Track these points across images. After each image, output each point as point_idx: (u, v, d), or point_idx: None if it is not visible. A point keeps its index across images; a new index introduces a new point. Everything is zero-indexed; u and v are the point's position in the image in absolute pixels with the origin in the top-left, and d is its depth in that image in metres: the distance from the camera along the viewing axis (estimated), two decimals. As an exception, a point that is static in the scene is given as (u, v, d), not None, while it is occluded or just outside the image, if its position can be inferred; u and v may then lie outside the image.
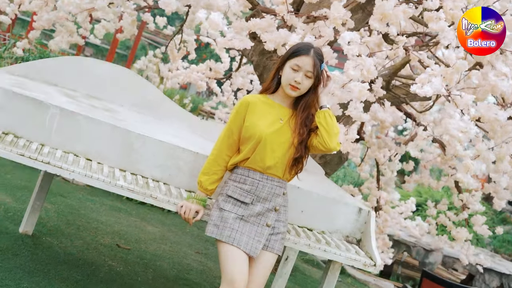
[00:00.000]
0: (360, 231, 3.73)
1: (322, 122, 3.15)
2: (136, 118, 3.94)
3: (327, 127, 3.14)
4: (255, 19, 4.12)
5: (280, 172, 3.18)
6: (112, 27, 5.93)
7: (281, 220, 3.21)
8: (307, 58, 3.12)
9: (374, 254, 3.52)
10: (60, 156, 3.15)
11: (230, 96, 8.24)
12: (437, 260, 9.37)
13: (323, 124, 3.15)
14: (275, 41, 4.07)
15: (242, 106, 3.19)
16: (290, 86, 3.13)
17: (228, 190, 3.17)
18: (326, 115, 3.16)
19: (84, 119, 3.28)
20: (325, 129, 3.14)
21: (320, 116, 3.17)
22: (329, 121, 3.15)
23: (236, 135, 3.19)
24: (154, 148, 3.38)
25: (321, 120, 3.16)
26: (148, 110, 4.25)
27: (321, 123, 3.15)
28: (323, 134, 3.14)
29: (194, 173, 3.42)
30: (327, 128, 3.14)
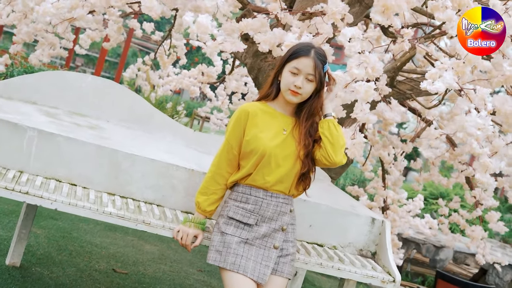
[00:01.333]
0: (374, 243, 3.43)
1: (326, 133, 2.85)
2: (124, 134, 3.63)
3: (331, 139, 2.84)
4: (246, 19, 3.81)
5: (286, 188, 2.87)
6: (98, 35, 5.62)
7: (290, 240, 2.91)
8: (307, 59, 2.82)
9: (392, 269, 3.22)
10: (41, 184, 2.84)
11: (225, 101, 7.93)
12: (448, 257, 9.09)
13: (327, 135, 2.85)
14: (269, 41, 3.76)
15: (241, 117, 2.88)
16: (290, 92, 2.83)
17: (229, 211, 2.86)
18: (330, 125, 2.86)
19: (65, 140, 2.97)
20: (330, 141, 2.84)
21: (324, 127, 2.86)
22: (334, 132, 2.85)
23: (236, 150, 2.88)
24: (145, 168, 3.07)
25: (324, 131, 2.86)
26: (137, 125, 3.94)
27: (324, 134, 2.85)
28: (327, 147, 2.84)
29: (190, 192, 3.13)
30: (332, 140, 2.84)
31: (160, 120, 4.03)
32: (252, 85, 7.62)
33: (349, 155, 3.63)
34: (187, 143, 3.96)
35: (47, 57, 5.22)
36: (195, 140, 3.99)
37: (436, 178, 5.92)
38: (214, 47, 3.63)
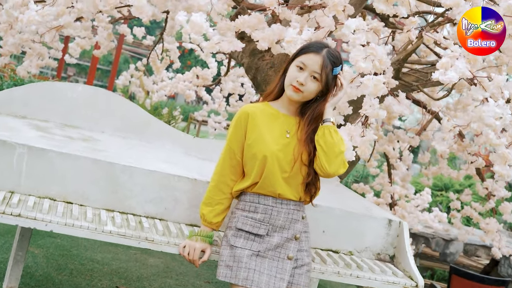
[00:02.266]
0: (392, 246, 3.23)
1: (320, 142, 2.63)
2: (120, 145, 3.43)
3: (325, 147, 2.62)
4: (243, 17, 3.61)
5: (295, 194, 2.67)
6: (88, 43, 5.43)
7: (304, 249, 2.71)
8: (316, 56, 2.61)
9: (414, 272, 3.02)
10: (34, 204, 2.64)
11: (222, 103, 7.72)
12: (458, 249, 8.91)
13: (321, 143, 2.63)
14: (268, 38, 3.57)
15: (241, 120, 2.67)
16: (292, 87, 2.62)
17: (237, 222, 2.66)
18: (325, 131, 2.64)
19: (57, 156, 2.76)
20: (323, 149, 2.62)
21: (319, 133, 2.65)
22: (329, 140, 2.62)
23: (238, 155, 2.68)
24: (144, 180, 2.87)
25: (319, 139, 2.64)
26: (134, 134, 3.73)
27: (318, 142, 2.64)
28: (320, 156, 2.63)
29: (194, 203, 2.93)
30: (326, 149, 2.62)
31: (157, 128, 3.83)
32: (249, 85, 7.43)
33: (359, 154, 3.44)
34: (187, 150, 3.76)
35: (36, 68, 5.02)
36: (196, 147, 3.79)
37: (446, 171, 5.73)
38: (210, 48, 3.43)
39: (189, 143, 3.80)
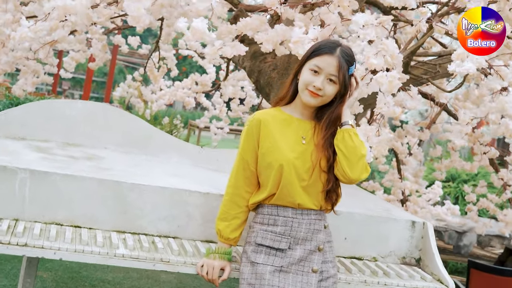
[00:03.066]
0: (417, 248, 3.08)
1: (340, 146, 2.48)
2: (125, 161, 3.28)
3: (346, 153, 2.47)
4: (245, 19, 3.46)
5: (315, 203, 2.52)
6: (82, 56, 5.28)
7: (329, 260, 2.56)
8: (330, 57, 2.45)
9: (443, 275, 2.87)
10: (40, 231, 2.49)
11: (223, 108, 7.55)
12: (472, 241, 8.75)
13: (341, 148, 2.48)
14: (272, 40, 3.42)
15: (253, 128, 2.52)
16: (308, 92, 2.47)
17: (256, 237, 2.50)
18: (345, 135, 2.49)
19: (61, 178, 2.62)
20: (344, 155, 2.47)
21: (339, 137, 2.50)
22: (349, 144, 2.47)
23: (252, 166, 2.53)
24: (154, 197, 2.72)
25: (339, 143, 2.49)
26: (138, 148, 3.58)
27: (338, 147, 2.49)
28: (341, 161, 2.47)
29: (208, 219, 2.78)
30: (347, 153, 2.47)
31: (162, 140, 3.67)
32: (250, 88, 7.27)
33: (375, 154, 3.29)
34: (196, 162, 3.60)
35: (31, 86, 4.86)
36: (204, 157, 3.63)
37: (458, 163, 5.57)
38: (213, 54, 3.28)
39: (197, 154, 3.65)
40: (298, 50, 3.01)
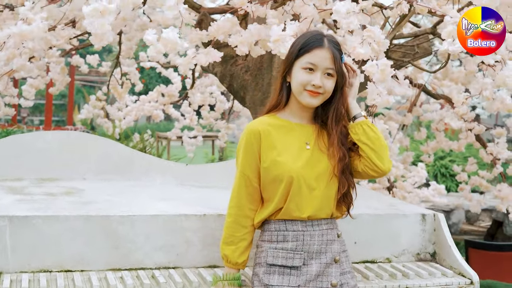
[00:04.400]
0: (431, 242, 2.91)
1: (364, 139, 2.29)
2: (107, 191, 3.04)
3: (372, 145, 2.28)
4: (216, 23, 3.24)
5: (327, 213, 2.31)
6: (42, 82, 5.00)
7: (346, 270, 2.35)
8: (321, 51, 2.25)
9: (464, 268, 2.70)
10: (29, 283, 2.27)
11: (193, 117, 7.31)
12: (461, 219, 8.66)
13: (366, 141, 2.29)
14: (247, 42, 3.21)
15: (252, 140, 2.30)
16: (308, 92, 2.26)
17: (266, 256, 2.28)
18: (365, 128, 2.30)
19: (43, 221, 2.38)
20: (370, 147, 2.28)
21: (359, 132, 2.31)
22: (372, 135, 2.29)
23: (255, 181, 2.31)
24: (147, 227, 2.50)
25: (361, 137, 2.30)
26: (118, 174, 3.34)
27: (362, 140, 2.29)
28: (370, 155, 2.28)
29: (208, 242, 2.58)
30: (373, 146, 2.28)
31: (142, 162, 3.44)
32: (219, 93, 7.05)
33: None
34: (181, 181, 3.37)
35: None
36: (191, 175, 3.40)
37: (445, 144, 5.42)
38: (187, 64, 3.06)
39: (181, 172, 3.41)
40: (280, 49, 2.81)
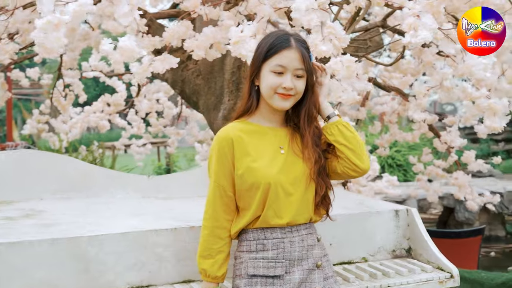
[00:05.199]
0: (405, 238, 2.87)
1: (341, 140, 2.23)
2: (68, 210, 2.89)
3: (350, 145, 2.22)
4: (170, 28, 3.13)
5: (305, 217, 2.23)
6: (-18, 99, 4.82)
7: (329, 275, 2.27)
8: (289, 51, 2.17)
9: (443, 261, 2.67)
10: (-5, 317, 2.11)
11: (141, 125, 7.15)
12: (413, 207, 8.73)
13: (342, 142, 2.23)
14: (203, 45, 3.11)
15: (224, 148, 2.20)
16: (279, 96, 2.18)
17: (247, 267, 2.19)
18: (341, 128, 2.24)
19: (6, 248, 2.23)
20: (348, 147, 2.22)
21: (334, 132, 2.24)
22: (349, 135, 2.23)
23: (230, 190, 2.21)
24: (117, 246, 2.38)
25: (338, 138, 2.23)
26: (78, 192, 3.19)
27: (339, 141, 2.23)
28: (348, 155, 2.22)
29: (182, 256, 2.48)
30: (351, 146, 2.22)
31: (101, 176, 3.30)
32: (165, 99, 6.91)
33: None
34: (143, 193, 3.24)
35: None
36: (153, 187, 3.27)
37: (399, 136, 5.42)
38: (143, 72, 2.94)
39: (144, 185, 3.29)
40: (240, 51, 2.72)
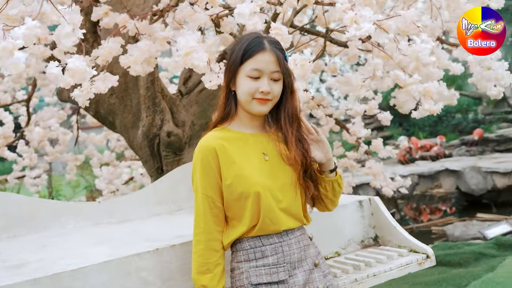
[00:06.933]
0: (371, 227, 2.93)
1: (330, 196, 2.33)
2: (24, 248, 2.70)
3: (334, 198, 2.35)
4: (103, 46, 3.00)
5: (298, 221, 2.23)
6: None
7: (327, 272, 2.28)
8: (264, 54, 2.15)
9: (415, 244, 2.75)
10: None
11: (32, 156, 6.79)
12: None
13: (331, 197, 2.33)
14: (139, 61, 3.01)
15: (208, 159, 2.14)
16: (257, 101, 2.15)
17: (249, 277, 2.14)
18: (335, 186, 2.32)
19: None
20: (332, 200, 2.34)
21: (328, 189, 2.31)
22: (338, 191, 2.35)
23: (219, 201, 2.16)
24: (102, 277, 2.24)
25: (328, 194, 2.32)
26: (24, 227, 2.98)
27: (328, 197, 2.33)
28: (328, 205, 2.36)
29: (167, 277, 2.38)
30: (335, 199, 2.35)
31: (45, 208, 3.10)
32: (57, 126, 6.61)
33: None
34: (97, 220, 3.08)
35: None
36: (104, 212, 3.11)
37: (306, 133, 5.49)
38: (87, 94, 2.79)
39: (92, 211, 3.12)
40: (193, 61, 2.66)
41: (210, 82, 2.87)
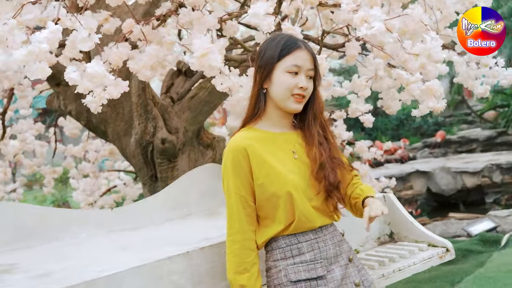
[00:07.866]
0: (386, 224, 2.95)
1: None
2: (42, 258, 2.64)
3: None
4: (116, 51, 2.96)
5: (330, 217, 2.25)
6: None
7: (360, 267, 2.31)
8: (301, 52, 2.19)
9: (434, 238, 2.79)
10: None
11: (7, 170, 6.62)
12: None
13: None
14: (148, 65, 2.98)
15: (239, 159, 2.15)
16: (295, 98, 2.17)
17: (287, 275, 2.14)
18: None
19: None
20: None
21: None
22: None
23: (251, 200, 2.17)
24: (135, 282, 2.22)
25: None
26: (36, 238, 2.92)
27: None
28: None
29: (197, 281, 2.37)
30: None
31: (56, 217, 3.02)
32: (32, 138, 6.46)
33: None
34: (110, 227, 3.02)
35: None
36: (117, 219, 3.05)
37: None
38: (100, 99, 2.77)
39: (105, 219, 3.07)
40: (210, 63, 2.65)
41: (221, 84, 2.86)
